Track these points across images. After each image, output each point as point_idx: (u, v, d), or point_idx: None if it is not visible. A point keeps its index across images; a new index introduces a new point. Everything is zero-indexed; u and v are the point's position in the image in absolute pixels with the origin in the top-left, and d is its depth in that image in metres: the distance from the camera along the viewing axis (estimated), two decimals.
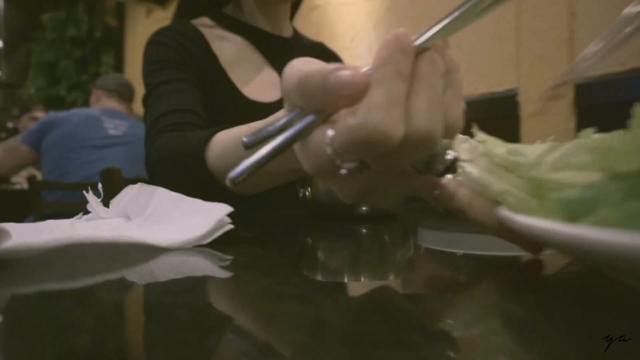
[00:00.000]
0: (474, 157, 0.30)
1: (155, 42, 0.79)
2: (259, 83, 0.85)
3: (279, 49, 0.89)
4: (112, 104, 2.01)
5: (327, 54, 1.01)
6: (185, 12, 0.90)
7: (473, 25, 0.26)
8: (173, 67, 0.75)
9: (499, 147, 0.30)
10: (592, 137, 0.33)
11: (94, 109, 1.99)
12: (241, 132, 0.50)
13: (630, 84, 1.33)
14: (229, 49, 0.85)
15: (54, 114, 1.94)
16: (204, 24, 0.87)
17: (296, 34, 0.97)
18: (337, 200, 0.55)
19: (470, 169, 0.30)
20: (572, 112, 1.46)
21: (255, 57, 0.88)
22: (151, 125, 0.70)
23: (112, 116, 1.93)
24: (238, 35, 0.87)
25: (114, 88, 2.04)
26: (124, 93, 2.05)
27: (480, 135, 0.31)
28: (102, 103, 2.02)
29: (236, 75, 0.82)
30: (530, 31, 1.58)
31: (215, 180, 0.53)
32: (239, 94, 0.81)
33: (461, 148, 0.31)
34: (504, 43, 1.66)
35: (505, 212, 0.25)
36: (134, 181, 0.47)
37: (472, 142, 0.32)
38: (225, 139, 0.52)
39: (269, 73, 0.88)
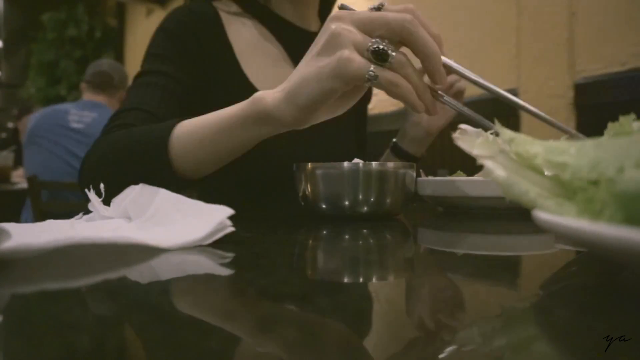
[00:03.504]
0: (493, 153, 0.28)
1: (165, 30, 0.76)
2: (274, 77, 0.78)
3: (302, 43, 0.82)
4: (88, 95, 1.99)
5: None
6: None
7: (474, 26, 0.26)
8: (167, 60, 0.72)
9: (532, 145, 0.27)
10: (633, 126, 0.31)
11: (71, 103, 1.99)
12: (207, 120, 0.53)
13: (630, 84, 1.33)
14: (247, 38, 0.80)
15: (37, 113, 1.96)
16: (227, 7, 0.81)
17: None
18: (337, 200, 0.55)
19: (493, 166, 0.27)
20: (572, 112, 1.46)
21: (276, 49, 0.82)
22: (110, 119, 0.68)
23: (84, 108, 1.90)
24: (261, 24, 0.82)
25: (89, 79, 2.01)
26: (99, 81, 1.99)
27: (507, 133, 0.29)
28: (84, 96, 2.01)
29: (250, 67, 0.78)
30: (530, 31, 1.58)
31: (173, 171, 0.53)
32: (250, 86, 0.76)
33: (475, 143, 0.30)
34: (504, 43, 1.66)
35: (573, 221, 0.20)
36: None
37: (487, 135, 0.30)
38: (190, 128, 0.54)
39: (287, 67, 0.82)
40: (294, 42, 0.83)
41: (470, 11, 1.76)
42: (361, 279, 0.28)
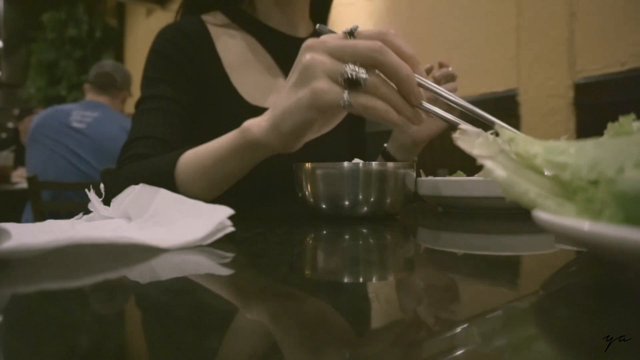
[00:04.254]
0: (493, 153, 0.28)
1: (157, 52, 0.78)
2: (264, 88, 0.80)
3: (290, 51, 0.80)
4: (91, 95, 2.00)
5: None
6: (194, 7, 0.84)
7: (474, 26, 0.26)
8: (164, 83, 0.75)
9: (532, 145, 0.27)
10: (633, 126, 0.31)
11: (75, 103, 2.00)
12: (205, 151, 0.57)
13: (630, 84, 1.33)
14: (236, 50, 0.81)
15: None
16: (215, 19, 0.82)
17: (316, 33, 0.90)
18: (337, 201, 0.55)
19: (493, 166, 0.27)
20: (572, 111, 1.46)
21: (264, 59, 0.83)
22: (123, 149, 0.72)
23: (86, 108, 1.91)
24: (249, 34, 0.83)
25: (92, 80, 2.02)
26: (102, 82, 2.01)
27: (507, 133, 0.29)
28: (87, 97, 2.03)
29: (239, 80, 0.79)
30: (530, 31, 1.58)
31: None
32: (239, 99, 0.78)
33: (475, 143, 0.29)
34: (504, 43, 1.66)
35: (579, 223, 0.20)
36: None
37: (487, 135, 0.30)
38: (192, 159, 0.58)
39: (277, 77, 0.83)
40: (282, 51, 0.83)
41: (470, 11, 1.76)
42: (361, 279, 0.28)
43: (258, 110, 0.77)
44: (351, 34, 0.45)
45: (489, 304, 0.23)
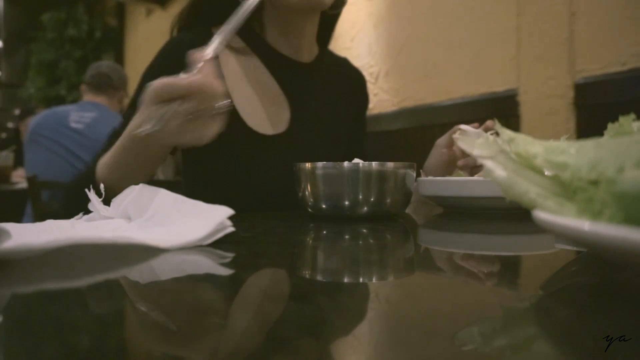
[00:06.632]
0: (493, 153, 0.28)
1: (163, 57, 0.77)
2: (265, 113, 0.80)
3: (295, 77, 0.85)
4: (88, 96, 1.99)
5: (348, 73, 0.98)
6: (202, 20, 0.81)
7: (474, 26, 0.26)
8: None
9: (532, 145, 0.27)
10: (633, 126, 0.31)
11: (72, 105, 2.01)
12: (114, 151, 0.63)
13: (630, 84, 1.33)
14: (241, 71, 0.81)
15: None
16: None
17: (319, 56, 0.90)
18: (337, 201, 0.55)
19: (493, 166, 0.27)
20: (572, 112, 1.46)
21: (270, 84, 0.83)
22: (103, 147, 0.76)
23: (84, 109, 1.91)
24: (257, 57, 0.83)
25: (88, 80, 2.01)
26: (99, 83, 1.99)
27: (507, 133, 0.29)
28: (84, 97, 2.02)
29: (242, 102, 0.78)
30: (530, 31, 1.58)
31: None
32: (240, 122, 0.77)
33: (475, 144, 0.29)
34: (504, 43, 1.66)
35: (579, 223, 0.20)
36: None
37: (487, 136, 0.30)
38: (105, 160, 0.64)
39: (280, 102, 0.83)
40: (288, 76, 0.83)
41: (470, 11, 1.76)
42: (361, 279, 0.28)
43: (258, 136, 0.77)
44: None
45: (489, 304, 0.23)
